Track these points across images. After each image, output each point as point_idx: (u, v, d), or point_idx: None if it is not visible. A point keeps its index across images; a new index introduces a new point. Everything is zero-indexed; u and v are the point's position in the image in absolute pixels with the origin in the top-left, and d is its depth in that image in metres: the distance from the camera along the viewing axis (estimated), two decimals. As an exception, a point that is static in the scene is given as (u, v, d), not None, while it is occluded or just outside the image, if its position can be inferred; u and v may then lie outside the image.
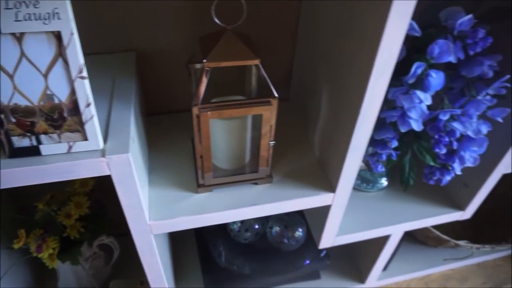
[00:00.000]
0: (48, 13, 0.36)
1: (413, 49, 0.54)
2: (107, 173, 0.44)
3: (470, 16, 0.49)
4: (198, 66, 0.56)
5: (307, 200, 0.58)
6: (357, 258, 0.93)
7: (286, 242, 0.78)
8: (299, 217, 0.79)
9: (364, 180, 0.75)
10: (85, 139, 0.43)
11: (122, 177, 0.45)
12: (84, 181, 0.71)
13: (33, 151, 0.42)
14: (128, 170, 0.44)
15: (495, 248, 0.86)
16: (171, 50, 0.64)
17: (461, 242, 0.85)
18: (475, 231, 1.00)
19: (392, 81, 0.51)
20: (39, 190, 0.67)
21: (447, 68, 0.58)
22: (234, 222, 0.79)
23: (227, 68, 0.47)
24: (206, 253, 0.81)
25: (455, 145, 0.55)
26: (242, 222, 0.79)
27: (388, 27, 0.39)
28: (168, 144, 0.65)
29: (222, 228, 0.81)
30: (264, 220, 0.80)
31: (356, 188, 0.76)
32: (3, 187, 0.42)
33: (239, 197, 0.57)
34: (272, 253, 0.80)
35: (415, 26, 0.50)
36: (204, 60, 0.45)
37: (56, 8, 0.36)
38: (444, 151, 0.54)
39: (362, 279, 0.90)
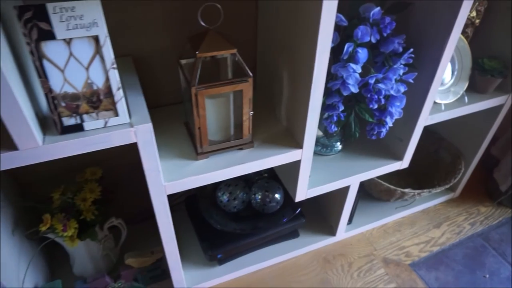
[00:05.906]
0: (89, 22, 0.51)
1: (345, 36, 0.74)
2: (134, 140, 0.59)
3: (378, 8, 0.70)
4: (184, 61, 0.72)
5: (282, 157, 0.76)
6: (327, 215, 1.11)
7: (268, 205, 0.94)
8: (276, 183, 0.96)
9: (324, 146, 0.94)
10: (117, 115, 0.57)
11: (145, 143, 0.60)
12: (93, 171, 0.83)
13: (78, 128, 0.56)
14: (150, 137, 0.59)
15: (432, 191, 1.08)
16: (156, 54, 0.80)
17: (406, 190, 1.06)
18: (416, 185, 1.22)
19: (335, 60, 0.71)
20: (47, 183, 0.80)
21: (372, 48, 0.78)
22: (223, 194, 0.94)
23: (206, 62, 0.64)
24: (200, 223, 0.95)
25: (382, 101, 0.75)
26: (230, 193, 0.94)
27: (322, 17, 0.58)
28: (163, 131, 0.80)
29: (213, 203, 0.96)
30: (248, 190, 0.96)
31: (318, 153, 0.95)
32: (58, 157, 0.55)
33: (230, 159, 0.73)
34: (258, 216, 0.96)
35: (343, 18, 0.70)
36: (197, 52, 0.61)
37: (95, 19, 0.51)
38: (375, 106, 0.74)
39: (333, 232, 1.08)
